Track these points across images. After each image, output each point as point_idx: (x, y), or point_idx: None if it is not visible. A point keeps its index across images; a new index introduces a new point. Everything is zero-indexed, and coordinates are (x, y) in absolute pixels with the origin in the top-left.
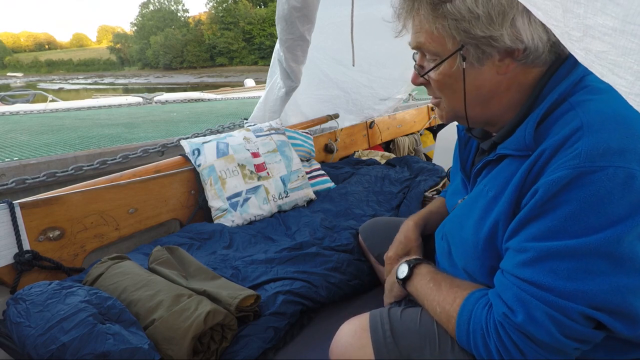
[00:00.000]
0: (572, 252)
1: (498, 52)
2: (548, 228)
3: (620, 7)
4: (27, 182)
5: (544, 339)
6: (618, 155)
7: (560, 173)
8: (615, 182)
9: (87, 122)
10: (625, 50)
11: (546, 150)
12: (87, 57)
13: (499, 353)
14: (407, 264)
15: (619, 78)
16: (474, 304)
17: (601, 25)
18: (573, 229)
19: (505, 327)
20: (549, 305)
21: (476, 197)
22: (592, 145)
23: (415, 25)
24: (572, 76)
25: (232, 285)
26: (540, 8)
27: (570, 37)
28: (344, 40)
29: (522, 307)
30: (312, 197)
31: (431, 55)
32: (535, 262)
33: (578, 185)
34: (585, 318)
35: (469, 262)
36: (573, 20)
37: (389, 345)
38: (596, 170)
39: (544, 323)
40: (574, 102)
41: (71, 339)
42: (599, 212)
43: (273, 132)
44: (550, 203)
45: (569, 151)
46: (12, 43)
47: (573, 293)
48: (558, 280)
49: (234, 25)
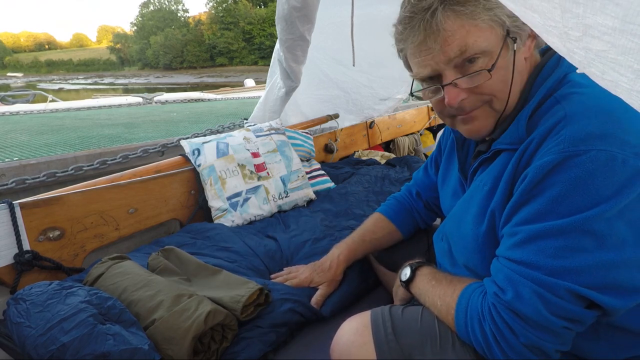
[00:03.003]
0: (558, 231)
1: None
2: (537, 210)
3: (620, 7)
4: (27, 182)
5: (532, 316)
6: (599, 139)
7: (547, 158)
8: (598, 164)
9: (87, 122)
10: (625, 50)
11: (534, 140)
12: (87, 57)
13: (494, 336)
14: (409, 267)
15: (620, 75)
16: (471, 293)
17: (601, 25)
18: (560, 210)
19: (497, 307)
20: (536, 283)
21: (473, 193)
22: (575, 132)
23: (446, 34)
24: (555, 74)
25: (234, 279)
26: (537, 10)
27: (569, 37)
28: (344, 40)
29: (511, 286)
30: (312, 197)
31: (479, 54)
32: (525, 243)
33: (563, 169)
34: (573, 295)
35: (470, 257)
36: (572, 21)
37: (390, 343)
38: (580, 153)
39: (532, 300)
40: (558, 96)
41: (71, 339)
42: (583, 192)
43: (273, 132)
44: (539, 187)
45: (555, 138)
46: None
47: (559, 270)
48: (545, 258)
49: (234, 25)
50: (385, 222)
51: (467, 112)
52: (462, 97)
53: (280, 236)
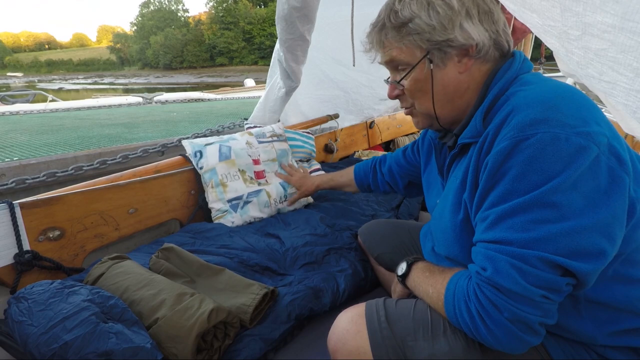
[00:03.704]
0: (522, 208)
1: (456, 52)
2: (501, 192)
3: (620, 5)
4: (27, 182)
5: (511, 287)
6: (543, 123)
7: (501, 145)
8: (544, 143)
9: (87, 122)
10: (625, 47)
11: (490, 132)
12: (87, 57)
13: (479, 314)
14: (406, 262)
15: (619, 75)
16: (459, 277)
17: (600, 23)
18: (520, 189)
19: (480, 285)
20: (510, 256)
21: (448, 189)
22: (521, 119)
23: (385, 47)
24: (506, 76)
25: (238, 280)
26: (536, 10)
27: (568, 37)
28: (344, 40)
29: (490, 263)
30: (310, 202)
31: (403, 66)
32: (496, 224)
33: (517, 152)
34: (545, 264)
35: (450, 247)
36: (572, 19)
37: (383, 331)
38: (528, 137)
39: (508, 272)
40: (509, 94)
41: (74, 337)
42: (537, 170)
43: (275, 140)
44: (500, 172)
45: (506, 128)
46: (12, 43)
47: (529, 242)
48: (515, 233)
49: (234, 25)
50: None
51: (407, 108)
52: (396, 92)
53: (282, 233)
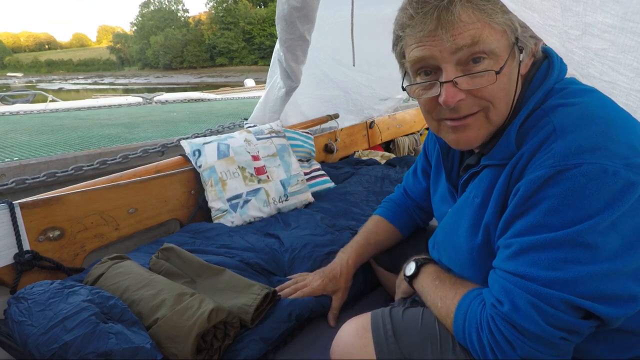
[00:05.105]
0: (552, 244)
1: (531, 47)
2: (530, 224)
3: (620, 5)
4: (27, 182)
5: (529, 327)
6: (589, 152)
7: (538, 172)
8: (589, 177)
9: (87, 122)
10: (625, 48)
11: (524, 154)
12: (87, 57)
13: (491, 347)
14: (415, 262)
15: (619, 75)
16: (471, 300)
17: (600, 23)
18: (553, 223)
19: (494, 319)
20: (531, 294)
21: (463, 204)
22: (566, 146)
23: (461, 21)
24: (545, 85)
25: (239, 280)
26: (537, 10)
27: (568, 36)
28: (344, 40)
29: (507, 297)
30: (311, 200)
31: (486, 54)
32: (519, 255)
33: (555, 182)
34: (568, 306)
35: (464, 269)
36: (572, 19)
37: (390, 345)
38: (570, 167)
39: (528, 311)
40: (546, 108)
41: (73, 337)
42: (575, 206)
43: (274, 136)
44: (532, 200)
45: (545, 152)
46: (12, 43)
47: (554, 281)
48: (539, 270)
49: (234, 25)
50: (385, 223)
51: (460, 118)
52: (461, 97)
53: (282, 233)
